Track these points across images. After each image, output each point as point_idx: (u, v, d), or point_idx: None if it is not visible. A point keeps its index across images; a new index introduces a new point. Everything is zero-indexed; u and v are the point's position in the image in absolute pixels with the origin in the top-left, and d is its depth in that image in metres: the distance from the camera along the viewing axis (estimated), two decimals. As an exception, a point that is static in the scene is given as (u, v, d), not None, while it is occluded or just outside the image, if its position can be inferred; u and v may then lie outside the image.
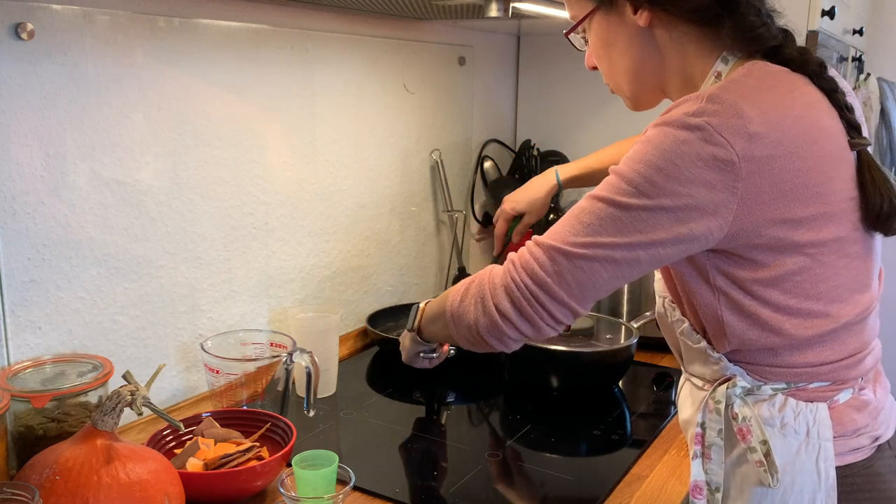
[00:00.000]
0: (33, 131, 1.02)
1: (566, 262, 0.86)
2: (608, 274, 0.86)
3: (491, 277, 0.94)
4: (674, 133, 0.81)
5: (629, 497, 1.04)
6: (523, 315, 0.90)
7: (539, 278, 0.87)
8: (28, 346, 1.06)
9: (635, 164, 0.83)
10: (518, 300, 0.89)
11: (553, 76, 2.03)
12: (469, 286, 0.97)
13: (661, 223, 0.82)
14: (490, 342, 0.95)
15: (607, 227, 0.84)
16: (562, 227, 0.88)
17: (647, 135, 0.84)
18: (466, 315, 0.96)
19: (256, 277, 1.38)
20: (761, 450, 0.90)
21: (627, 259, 0.84)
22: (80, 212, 1.09)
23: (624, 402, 1.36)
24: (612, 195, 0.84)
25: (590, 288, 0.87)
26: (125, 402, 0.86)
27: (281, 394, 1.18)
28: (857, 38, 2.29)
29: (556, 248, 0.87)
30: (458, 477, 1.07)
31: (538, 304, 0.88)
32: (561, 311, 0.89)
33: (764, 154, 0.80)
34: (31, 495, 0.77)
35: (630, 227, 0.83)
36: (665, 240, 0.83)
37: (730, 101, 0.81)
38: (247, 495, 0.99)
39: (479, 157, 1.97)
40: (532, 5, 1.30)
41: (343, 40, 1.49)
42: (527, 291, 0.88)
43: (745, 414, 0.91)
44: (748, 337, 0.89)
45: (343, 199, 1.55)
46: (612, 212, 0.84)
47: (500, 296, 0.91)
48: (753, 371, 0.92)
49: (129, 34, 1.11)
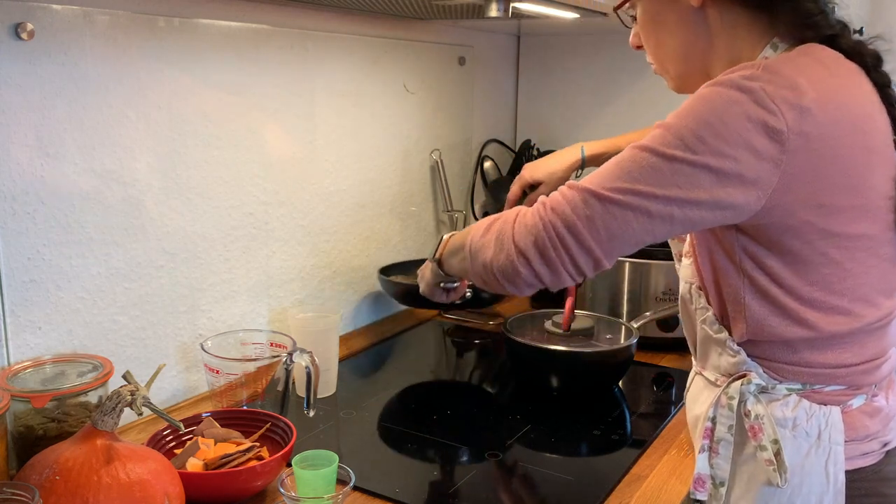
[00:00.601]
0: (33, 131, 1.02)
1: (599, 207, 0.83)
2: (639, 226, 0.83)
3: (517, 216, 0.90)
4: (727, 93, 0.80)
5: (629, 497, 1.04)
6: (544, 258, 0.86)
7: (569, 220, 0.84)
8: (28, 346, 1.06)
9: (684, 119, 0.81)
10: (542, 241, 0.86)
11: (553, 76, 2.03)
12: (493, 222, 0.94)
13: (702, 182, 0.80)
14: (502, 283, 0.91)
15: (647, 177, 0.81)
16: (600, 172, 0.85)
17: (699, 93, 0.82)
18: (484, 251, 0.93)
19: (256, 277, 1.38)
20: (772, 448, 0.89)
21: (661, 214, 0.82)
22: (80, 212, 1.09)
23: (624, 402, 1.36)
24: (656, 145, 0.81)
25: (618, 238, 0.84)
26: (125, 402, 0.86)
27: (281, 394, 1.18)
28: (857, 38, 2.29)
29: (591, 190, 0.84)
30: (458, 477, 1.07)
31: (563, 247, 0.85)
32: (584, 259, 0.86)
33: (812, 131, 0.79)
34: (31, 495, 0.77)
35: (670, 179, 0.80)
36: (702, 201, 0.81)
37: (785, 72, 0.80)
38: (247, 495, 0.99)
39: (479, 157, 1.97)
40: (532, 5, 1.30)
41: (343, 40, 1.49)
42: (553, 233, 0.85)
43: (757, 412, 0.90)
44: (768, 324, 0.88)
45: (343, 199, 1.55)
46: (655, 161, 0.81)
47: (523, 235, 0.88)
48: (770, 368, 0.91)
49: (129, 34, 1.11)
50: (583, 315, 1.49)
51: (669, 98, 1.93)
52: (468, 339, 1.67)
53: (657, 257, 1.55)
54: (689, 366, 1.50)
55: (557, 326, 1.42)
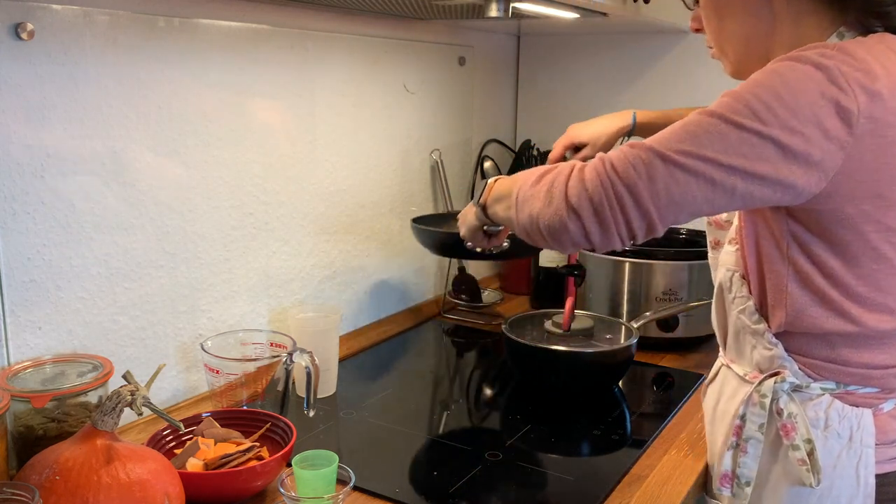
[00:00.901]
0: (33, 131, 1.02)
1: (662, 168, 0.80)
2: (700, 194, 0.80)
3: (573, 170, 0.86)
4: (802, 68, 0.78)
5: (629, 497, 1.03)
6: (598, 216, 0.82)
7: (629, 178, 0.80)
8: (28, 346, 1.06)
9: (756, 88, 0.79)
10: (598, 199, 0.82)
11: (553, 76, 2.03)
12: (546, 173, 0.89)
13: (768, 156, 0.78)
14: (547, 238, 0.87)
15: (714, 143, 0.79)
16: (665, 134, 0.82)
17: (770, 66, 0.80)
18: (532, 202, 0.88)
19: (256, 277, 1.38)
20: (805, 448, 0.88)
21: (723, 184, 0.79)
22: (80, 212, 1.09)
23: (624, 402, 1.36)
24: (725, 112, 0.79)
25: (677, 203, 0.80)
26: (125, 402, 0.86)
27: (281, 394, 1.18)
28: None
29: (656, 150, 0.80)
30: (458, 477, 1.07)
31: (619, 206, 0.81)
32: (639, 221, 0.82)
33: (881, 117, 0.78)
34: (31, 495, 0.77)
35: (736, 148, 0.78)
36: (765, 176, 0.78)
37: (860, 55, 0.79)
38: (247, 495, 0.99)
39: (479, 157, 1.97)
40: (532, 5, 1.30)
41: (343, 40, 1.49)
42: (612, 191, 0.81)
43: (791, 410, 0.89)
44: (808, 314, 0.87)
45: (343, 199, 1.55)
46: (723, 128, 0.79)
47: (578, 190, 0.83)
48: (806, 364, 0.90)
49: (129, 34, 1.11)
50: (583, 315, 1.49)
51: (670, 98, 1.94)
52: (468, 339, 1.67)
53: (657, 257, 1.55)
54: (689, 366, 1.51)
55: (557, 326, 1.42)
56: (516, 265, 1.97)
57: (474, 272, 1.92)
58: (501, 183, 1.00)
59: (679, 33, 1.82)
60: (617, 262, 1.58)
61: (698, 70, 1.82)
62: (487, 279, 2.04)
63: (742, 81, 0.83)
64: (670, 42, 1.84)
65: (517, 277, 1.98)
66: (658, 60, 1.87)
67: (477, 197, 1.05)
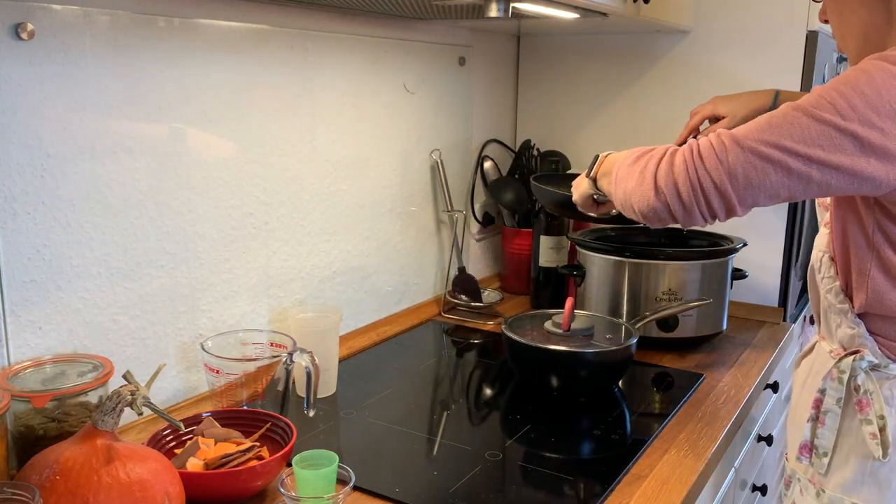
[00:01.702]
0: (33, 131, 1.02)
1: (742, 155, 0.87)
2: (777, 180, 0.87)
3: (666, 153, 0.95)
4: (889, 67, 0.84)
5: (629, 497, 1.04)
6: (681, 197, 0.91)
7: (711, 164, 0.89)
8: (28, 346, 1.06)
9: (840, 85, 0.85)
10: (682, 180, 0.91)
11: (553, 76, 2.03)
12: (643, 154, 0.99)
13: (846, 148, 0.84)
14: (637, 213, 0.97)
15: (793, 133, 0.86)
16: (751, 124, 0.90)
17: (860, 65, 0.87)
18: (627, 180, 0.98)
19: (256, 277, 1.38)
20: (877, 423, 0.94)
21: (800, 173, 0.86)
22: (80, 212, 1.09)
23: (624, 402, 1.36)
24: (808, 106, 0.86)
25: (755, 188, 0.88)
26: (125, 401, 0.86)
27: (281, 394, 1.18)
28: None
29: (737, 139, 0.88)
30: (458, 477, 1.07)
31: (701, 189, 0.90)
32: (719, 203, 0.90)
33: None
34: (31, 495, 0.77)
35: (815, 139, 0.85)
36: (842, 167, 0.84)
37: None
38: (247, 495, 0.99)
39: (479, 157, 1.97)
40: (532, 5, 1.30)
41: (343, 40, 1.49)
42: (695, 174, 0.90)
43: (867, 387, 0.95)
44: (888, 298, 0.93)
45: (343, 199, 1.55)
46: (804, 120, 0.85)
47: (666, 173, 0.93)
48: (885, 345, 0.96)
49: (129, 34, 1.11)
50: (583, 315, 1.49)
51: (669, 98, 1.94)
52: (468, 339, 1.67)
53: (657, 257, 1.55)
54: (688, 366, 1.51)
55: (557, 326, 1.42)
56: (516, 265, 1.97)
57: (474, 272, 1.93)
58: (609, 158, 1.10)
59: (679, 33, 1.82)
60: (617, 262, 1.58)
61: (698, 70, 1.82)
62: (487, 279, 2.04)
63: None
64: (670, 42, 1.84)
65: (517, 277, 1.98)
66: (658, 60, 1.87)
67: (588, 169, 1.15)
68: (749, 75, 1.76)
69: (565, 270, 1.68)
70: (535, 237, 1.84)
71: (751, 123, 0.90)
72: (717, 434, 1.21)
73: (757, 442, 1.70)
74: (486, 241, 2.06)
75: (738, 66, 1.77)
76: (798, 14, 1.69)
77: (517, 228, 1.96)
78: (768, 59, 1.73)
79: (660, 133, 1.87)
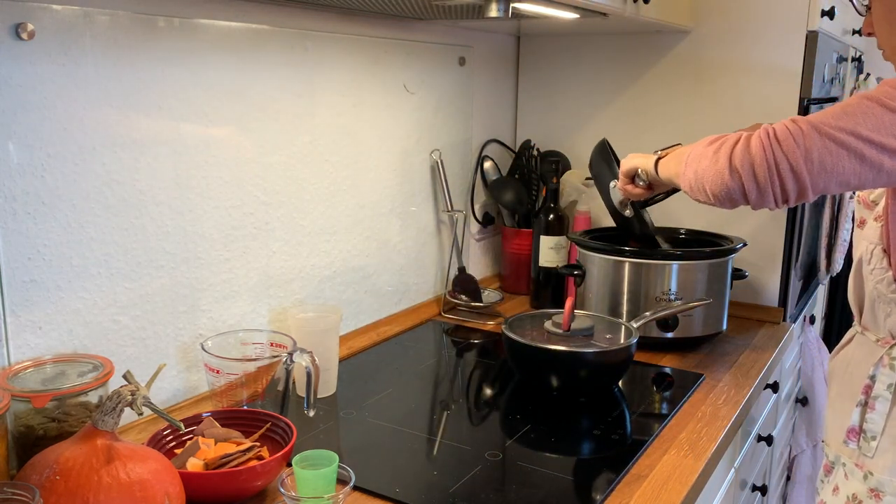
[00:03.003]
0: (33, 131, 1.02)
1: (819, 140, 0.91)
2: (849, 166, 0.91)
3: (740, 138, 0.98)
4: None
5: (629, 497, 1.04)
6: (756, 177, 0.94)
7: (788, 146, 0.92)
8: (28, 346, 1.06)
9: None
10: (759, 161, 0.93)
11: (553, 76, 2.03)
12: (718, 137, 1.02)
13: None
14: (708, 192, 1.00)
15: (868, 121, 0.90)
16: (826, 111, 0.93)
17: None
18: (700, 160, 1.01)
19: (256, 277, 1.38)
20: None
21: (872, 160, 0.90)
22: (80, 212, 1.09)
23: (624, 402, 1.36)
24: (881, 96, 0.90)
25: (828, 173, 0.91)
26: (125, 401, 0.86)
27: (281, 394, 1.18)
28: (857, 38, 2.29)
29: (815, 124, 0.91)
30: (458, 477, 1.07)
31: (777, 171, 0.93)
32: (793, 185, 0.93)
33: None
34: (31, 495, 0.77)
35: (889, 129, 0.89)
36: None
37: None
38: (247, 495, 0.99)
39: (479, 157, 1.97)
40: (532, 5, 1.30)
41: (343, 40, 1.49)
42: (771, 155, 0.93)
43: None
44: None
45: (343, 199, 1.55)
46: (878, 110, 0.90)
47: (742, 153, 0.95)
48: None
49: (129, 34, 1.11)
50: (583, 315, 1.49)
51: (669, 98, 1.94)
52: (468, 339, 1.67)
53: (657, 257, 1.55)
54: (688, 366, 1.51)
55: (557, 326, 1.42)
56: (516, 265, 1.97)
57: (474, 272, 1.93)
58: (681, 149, 1.15)
59: (679, 33, 1.82)
60: (617, 262, 1.58)
61: (698, 70, 1.82)
62: (487, 279, 2.04)
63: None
64: (670, 42, 1.84)
65: (517, 277, 1.98)
66: (658, 60, 1.87)
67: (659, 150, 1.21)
68: (749, 75, 1.76)
69: (565, 270, 1.68)
70: (535, 237, 1.84)
71: (826, 111, 0.93)
72: (717, 434, 1.21)
73: (757, 442, 1.70)
74: (486, 241, 2.06)
75: (738, 66, 1.77)
76: (798, 14, 1.69)
77: (517, 228, 1.96)
78: (768, 59, 1.73)
79: (660, 133, 1.87)
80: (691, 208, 1.80)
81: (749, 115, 1.74)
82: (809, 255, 2.01)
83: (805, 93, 1.71)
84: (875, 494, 1.06)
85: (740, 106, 1.77)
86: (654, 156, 1.23)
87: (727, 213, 1.66)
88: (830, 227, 2.06)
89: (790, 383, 2.10)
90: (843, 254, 2.18)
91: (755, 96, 1.75)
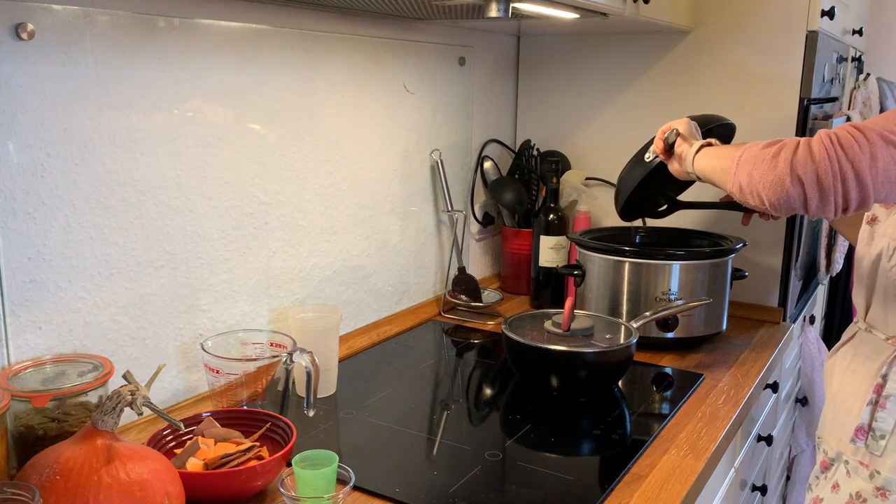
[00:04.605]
0: (33, 131, 1.02)
1: (884, 148, 0.89)
2: None
3: (800, 143, 0.95)
4: None
5: (629, 497, 1.04)
6: (820, 185, 0.91)
7: (853, 154, 0.90)
8: (28, 346, 1.06)
9: None
10: (823, 168, 0.91)
11: (553, 76, 2.03)
12: (776, 143, 0.98)
13: None
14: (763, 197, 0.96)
15: None
16: (884, 119, 0.92)
17: None
18: (756, 163, 0.97)
19: (256, 277, 1.38)
20: None
21: None
22: (80, 212, 1.09)
23: (624, 402, 1.36)
24: None
25: (892, 182, 0.90)
26: (125, 401, 0.86)
27: (281, 394, 1.18)
28: (857, 39, 2.29)
29: (880, 132, 0.90)
30: (458, 477, 1.07)
31: (842, 178, 0.90)
32: (856, 193, 0.91)
33: None
34: (31, 495, 0.77)
35: None
36: None
37: None
38: (247, 495, 0.99)
39: (479, 157, 1.97)
40: (532, 5, 1.30)
41: (343, 40, 1.49)
42: (836, 163, 0.90)
43: None
44: None
45: (343, 199, 1.55)
46: None
47: (804, 160, 0.92)
48: None
49: (129, 34, 1.11)
50: (583, 315, 1.49)
51: (669, 98, 1.94)
52: (468, 339, 1.67)
53: (657, 257, 1.55)
54: (688, 366, 1.51)
55: (557, 326, 1.42)
56: (516, 265, 1.97)
57: (474, 272, 1.93)
58: (720, 145, 1.12)
59: (679, 33, 1.83)
60: (617, 262, 1.58)
61: (698, 70, 1.82)
62: (487, 279, 2.04)
63: None
64: (670, 42, 1.85)
65: (517, 277, 1.98)
66: (658, 60, 1.87)
67: (700, 136, 1.17)
68: (748, 75, 1.76)
69: (565, 270, 1.68)
70: (535, 237, 1.84)
71: (880, 118, 0.92)
72: (717, 434, 1.21)
73: (757, 442, 1.70)
74: (486, 241, 2.06)
75: (738, 66, 1.77)
76: (798, 14, 1.69)
77: (517, 228, 1.96)
78: (768, 60, 1.73)
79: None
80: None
81: (749, 115, 1.74)
82: (809, 255, 2.01)
83: (805, 93, 1.71)
84: (882, 493, 1.06)
85: (740, 106, 1.77)
86: (698, 141, 1.16)
87: (727, 213, 1.66)
88: (830, 227, 2.06)
89: (790, 383, 2.10)
90: (843, 254, 2.18)
91: (755, 96, 1.75)
